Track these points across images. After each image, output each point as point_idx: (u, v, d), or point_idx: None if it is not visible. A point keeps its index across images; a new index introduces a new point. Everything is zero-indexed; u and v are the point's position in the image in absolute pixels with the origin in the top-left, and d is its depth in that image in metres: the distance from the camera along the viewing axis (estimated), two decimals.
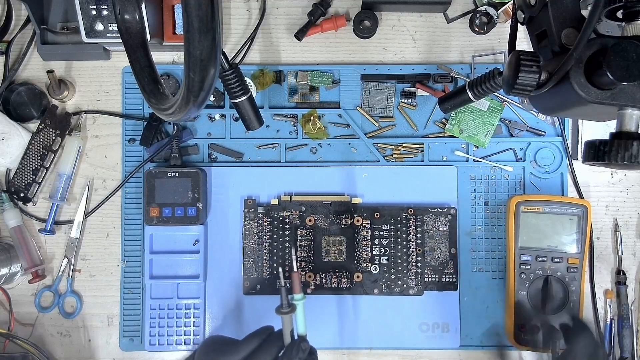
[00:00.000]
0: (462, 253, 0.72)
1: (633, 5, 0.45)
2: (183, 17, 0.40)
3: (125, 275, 0.73)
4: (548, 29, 0.50)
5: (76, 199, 0.74)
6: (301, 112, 0.73)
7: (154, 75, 0.57)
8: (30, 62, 0.74)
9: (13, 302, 0.72)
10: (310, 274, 0.70)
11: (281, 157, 0.73)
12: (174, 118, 0.52)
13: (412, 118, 0.73)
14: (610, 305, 0.72)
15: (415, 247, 0.71)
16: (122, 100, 0.74)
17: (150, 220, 0.70)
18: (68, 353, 0.73)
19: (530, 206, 0.69)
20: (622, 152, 0.44)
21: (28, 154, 0.72)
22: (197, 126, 0.74)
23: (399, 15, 0.74)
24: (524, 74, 0.47)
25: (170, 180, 0.70)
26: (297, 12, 0.74)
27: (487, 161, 0.73)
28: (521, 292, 0.69)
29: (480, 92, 0.59)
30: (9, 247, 0.72)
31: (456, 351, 0.72)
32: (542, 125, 0.73)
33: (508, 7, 0.71)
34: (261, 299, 0.71)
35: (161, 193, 0.70)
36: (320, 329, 0.71)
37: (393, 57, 0.74)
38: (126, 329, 0.72)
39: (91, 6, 0.65)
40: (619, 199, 0.74)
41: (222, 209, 0.72)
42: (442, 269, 0.71)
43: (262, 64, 0.74)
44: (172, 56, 0.74)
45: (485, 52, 0.73)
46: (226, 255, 0.72)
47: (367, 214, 0.71)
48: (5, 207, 0.72)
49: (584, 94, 0.46)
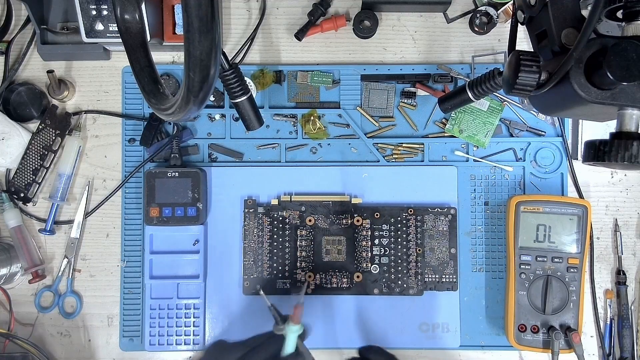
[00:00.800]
0: (462, 253, 0.72)
1: (633, 5, 0.45)
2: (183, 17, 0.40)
3: (125, 275, 0.73)
4: (548, 29, 0.50)
5: (76, 199, 0.74)
6: (301, 112, 0.73)
7: (154, 75, 0.57)
8: (30, 62, 0.74)
9: (13, 302, 0.72)
10: (310, 274, 0.70)
11: (281, 157, 0.73)
12: (174, 118, 0.52)
13: (412, 118, 0.73)
14: (611, 305, 0.72)
15: (415, 247, 0.71)
16: (122, 100, 0.74)
17: (150, 220, 0.70)
18: (68, 353, 0.73)
19: (530, 206, 0.69)
20: (622, 152, 0.44)
21: (28, 154, 0.72)
22: (197, 126, 0.74)
23: (399, 15, 0.74)
24: (524, 74, 0.47)
25: (170, 180, 0.70)
26: (297, 12, 0.74)
27: (487, 161, 0.73)
28: (521, 292, 0.69)
29: (480, 92, 0.59)
30: (9, 247, 0.72)
31: (456, 351, 0.72)
32: (542, 125, 0.73)
33: (508, 7, 0.71)
34: (261, 299, 0.71)
35: (161, 193, 0.70)
36: (321, 328, 0.71)
37: (393, 57, 0.74)
38: (126, 329, 0.72)
39: (91, 6, 0.65)
40: (619, 199, 0.74)
41: (222, 209, 0.72)
42: (442, 269, 0.71)
43: (262, 64, 0.74)
44: (172, 56, 0.74)
45: (485, 52, 0.73)
46: (226, 255, 0.72)
47: (367, 214, 0.71)
48: (5, 207, 0.72)
49: (584, 94, 0.46)
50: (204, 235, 0.72)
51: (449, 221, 0.71)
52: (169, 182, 0.70)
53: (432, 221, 0.71)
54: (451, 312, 0.71)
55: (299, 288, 0.69)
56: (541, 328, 0.69)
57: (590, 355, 0.73)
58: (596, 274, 0.73)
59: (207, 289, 0.72)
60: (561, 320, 0.69)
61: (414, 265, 0.71)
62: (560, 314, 0.69)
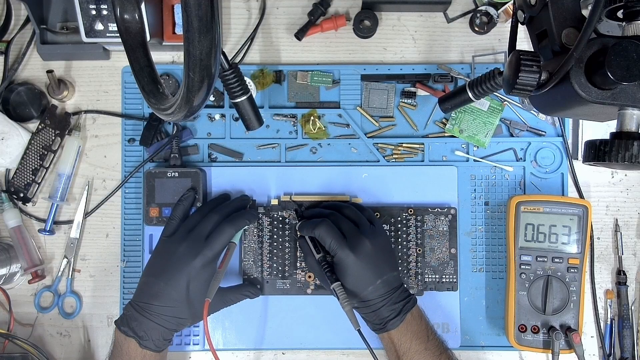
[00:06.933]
0: (462, 253, 0.72)
1: (633, 5, 0.45)
2: (183, 17, 0.40)
3: (125, 275, 0.72)
4: (548, 28, 0.50)
5: (76, 199, 0.74)
6: (301, 112, 0.73)
7: (154, 75, 0.57)
8: (30, 62, 0.74)
9: (13, 302, 0.72)
10: (310, 274, 0.70)
11: (281, 157, 0.73)
12: (174, 118, 0.52)
13: (412, 118, 0.73)
14: (611, 305, 0.72)
15: (415, 247, 0.71)
16: (122, 100, 0.74)
17: (150, 220, 0.70)
18: (68, 353, 0.73)
19: (530, 206, 0.69)
20: (622, 152, 0.44)
21: (28, 154, 0.72)
22: (197, 126, 0.73)
23: (399, 15, 0.74)
24: (524, 74, 0.47)
25: (170, 180, 0.70)
26: (297, 12, 0.74)
27: (487, 161, 0.73)
28: (521, 292, 0.69)
29: (480, 92, 0.59)
30: (9, 247, 0.72)
31: (456, 351, 0.72)
32: (543, 125, 0.73)
33: (508, 6, 0.71)
34: (261, 299, 0.71)
35: (161, 193, 0.70)
36: (321, 329, 0.71)
37: (393, 57, 0.74)
38: None
39: (91, 6, 0.65)
40: (620, 199, 0.74)
41: None
42: (442, 269, 0.71)
43: (262, 64, 0.74)
44: (172, 56, 0.74)
45: (485, 52, 0.73)
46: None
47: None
48: (5, 207, 0.72)
49: (584, 94, 0.46)
50: None
51: (449, 221, 0.71)
52: (168, 182, 0.70)
53: (432, 221, 0.71)
54: (451, 312, 0.71)
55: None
56: (541, 328, 0.69)
57: (590, 355, 0.73)
58: (596, 274, 0.73)
59: None
60: (561, 320, 0.69)
61: (414, 265, 0.71)
62: (561, 314, 0.68)
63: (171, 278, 0.61)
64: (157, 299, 0.61)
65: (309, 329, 0.71)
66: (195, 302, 0.62)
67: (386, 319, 0.61)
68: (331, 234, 0.62)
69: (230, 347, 0.71)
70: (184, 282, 0.61)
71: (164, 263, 0.62)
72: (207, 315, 0.61)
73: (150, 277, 0.62)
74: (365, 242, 0.62)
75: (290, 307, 0.71)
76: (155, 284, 0.61)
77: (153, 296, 0.61)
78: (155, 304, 0.61)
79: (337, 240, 0.61)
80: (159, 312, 0.60)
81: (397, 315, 0.61)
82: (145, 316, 0.60)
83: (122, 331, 0.61)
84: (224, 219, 0.64)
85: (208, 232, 0.63)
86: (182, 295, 0.61)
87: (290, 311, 0.71)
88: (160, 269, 0.62)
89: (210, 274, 0.62)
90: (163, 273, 0.61)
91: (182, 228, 0.64)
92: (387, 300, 0.61)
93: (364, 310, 0.62)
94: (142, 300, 0.61)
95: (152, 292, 0.61)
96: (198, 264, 0.61)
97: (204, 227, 0.63)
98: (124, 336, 0.61)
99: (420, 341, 0.61)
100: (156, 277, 0.62)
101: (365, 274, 0.61)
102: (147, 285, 0.62)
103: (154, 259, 0.64)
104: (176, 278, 0.61)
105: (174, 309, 0.61)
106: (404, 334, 0.61)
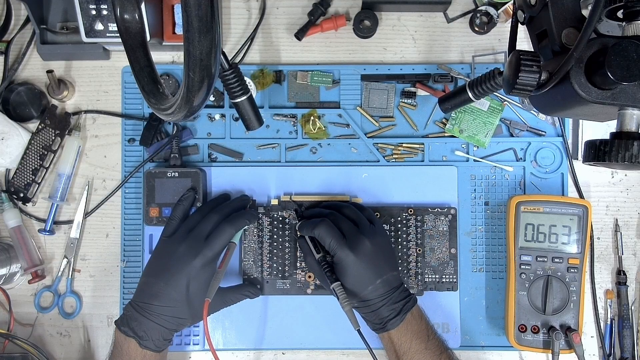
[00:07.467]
0: (462, 253, 0.72)
1: (633, 5, 0.45)
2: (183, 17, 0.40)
3: (125, 275, 0.72)
4: (548, 28, 0.50)
5: (76, 199, 0.74)
6: (301, 112, 0.73)
7: (154, 75, 0.57)
8: (30, 62, 0.74)
9: (13, 302, 0.72)
10: (310, 274, 0.70)
11: (281, 157, 0.73)
12: (174, 118, 0.52)
13: (412, 118, 0.73)
14: (611, 305, 0.72)
15: (415, 247, 0.71)
16: (122, 100, 0.74)
17: (150, 220, 0.70)
18: (68, 353, 0.73)
19: (530, 206, 0.69)
20: (622, 152, 0.44)
21: (28, 154, 0.72)
22: (197, 126, 0.73)
23: (399, 15, 0.74)
24: (524, 74, 0.47)
25: (170, 180, 0.70)
26: (297, 11, 0.74)
27: (487, 161, 0.73)
28: (521, 292, 0.69)
29: (480, 92, 0.59)
30: (9, 247, 0.72)
31: (456, 351, 0.71)
32: (543, 125, 0.73)
33: (508, 6, 0.71)
34: (261, 299, 0.71)
35: (161, 193, 0.70)
36: (321, 329, 0.71)
37: (393, 57, 0.74)
38: None
39: (91, 6, 0.65)
40: (620, 199, 0.74)
41: None
42: (442, 269, 0.71)
43: (262, 64, 0.74)
44: (172, 56, 0.74)
45: (485, 52, 0.73)
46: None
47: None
48: (5, 207, 0.72)
49: (584, 94, 0.46)
50: None
51: (449, 221, 0.71)
52: (168, 182, 0.70)
53: (432, 221, 0.71)
54: (451, 312, 0.71)
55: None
56: (541, 328, 0.69)
57: (590, 355, 0.73)
58: (596, 274, 0.73)
59: None
60: (561, 320, 0.69)
61: (414, 265, 0.71)
62: (561, 314, 0.68)
63: (171, 278, 0.61)
64: (157, 299, 0.61)
65: (309, 329, 0.71)
66: (195, 302, 0.62)
67: (386, 319, 0.61)
68: (331, 234, 0.62)
69: (230, 347, 0.71)
70: (183, 282, 0.61)
71: (164, 263, 0.62)
72: (207, 315, 0.61)
73: (150, 277, 0.62)
74: (365, 241, 0.62)
75: (290, 307, 0.71)
76: (155, 284, 0.61)
77: (153, 296, 0.61)
78: (155, 304, 0.61)
79: (336, 240, 0.61)
80: (159, 312, 0.60)
81: (397, 315, 0.61)
82: (145, 316, 0.60)
83: (122, 331, 0.61)
84: (224, 219, 0.64)
85: (208, 232, 0.63)
86: (182, 295, 0.61)
87: (290, 311, 0.71)
88: (160, 269, 0.62)
89: (210, 274, 0.62)
90: (163, 273, 0.61)
91: (182, 228, 0.64)
92: (387, 300, 0.61)
93: (364, 310, 0.62)
94: (142, 300, 0.61)
95: (152, 292, 0.61)
96: (198, 264, 0.61)
97: (204, 227, 0.63)
98: (124, 336, 0.61)
99: (420, 341, 0.61)
100: (156, 277, 0.62)
101: (365, 274, 0.61)
102: (147, 285, 0.62)
103: (153, 259, 0.64)
104: (176, 278, 0.61)
105: (173, 309, 0.61)
106: (404, 333, 0.61)
